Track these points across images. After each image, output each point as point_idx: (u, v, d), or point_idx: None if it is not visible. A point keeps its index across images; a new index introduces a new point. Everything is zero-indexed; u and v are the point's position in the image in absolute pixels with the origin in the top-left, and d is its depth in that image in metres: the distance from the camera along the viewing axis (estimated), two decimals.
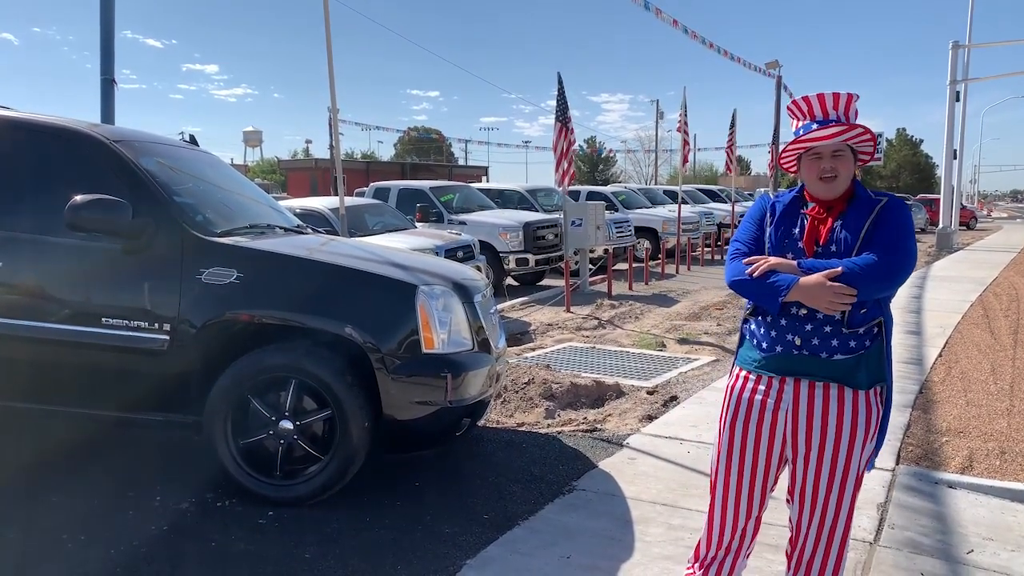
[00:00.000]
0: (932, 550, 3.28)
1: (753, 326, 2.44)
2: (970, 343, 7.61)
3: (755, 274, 2.30)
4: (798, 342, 2.31)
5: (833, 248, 2.30)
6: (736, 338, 2.59)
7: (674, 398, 5.57)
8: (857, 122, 2.34)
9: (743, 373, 2.45)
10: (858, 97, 2.35)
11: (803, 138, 2.33)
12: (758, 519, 2.54)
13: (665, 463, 4.25)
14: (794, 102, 2.43)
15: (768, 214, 2.45)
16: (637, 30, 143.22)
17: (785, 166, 2.48)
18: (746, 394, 2.41)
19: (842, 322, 2.28)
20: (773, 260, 2.32)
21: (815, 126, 2.34)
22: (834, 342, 2.29)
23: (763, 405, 2.38)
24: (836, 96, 2.34)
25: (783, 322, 2.34)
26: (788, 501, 2.51)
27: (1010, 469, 4.20)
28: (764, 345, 2.38)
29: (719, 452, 2.50)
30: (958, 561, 3.19)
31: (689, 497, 3.75)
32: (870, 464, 2.44)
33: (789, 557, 2.52)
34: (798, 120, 2.41)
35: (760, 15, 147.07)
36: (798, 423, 2.35)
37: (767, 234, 2.42)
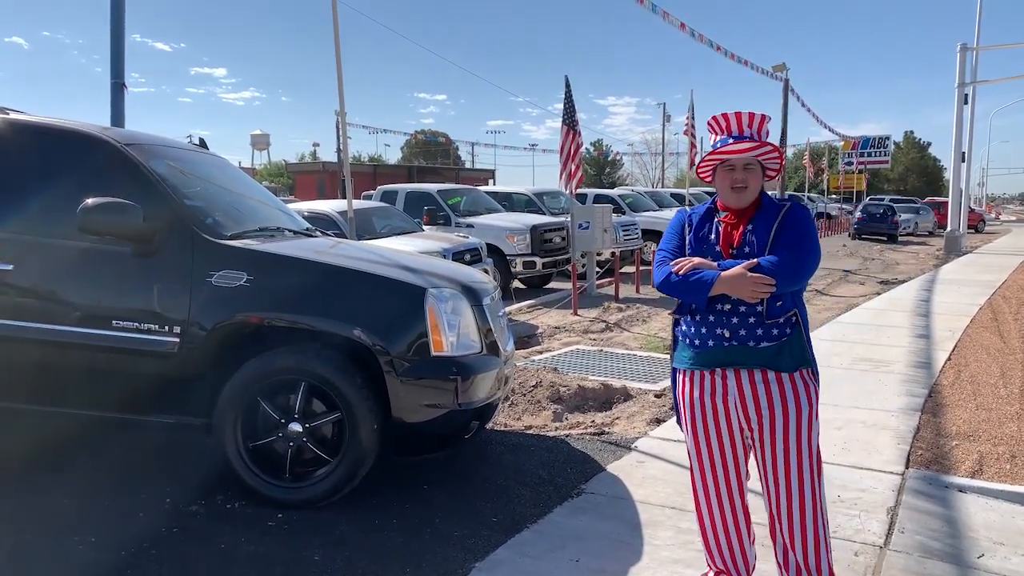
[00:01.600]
0: (942, 554, 3.27)
1: (684, 326, 2.64)
2: (979, 346, 7.58)
3: (680, 272, 2.53)
4: (727, 334, 2.52)
5: (747, 250, 2.54)
6: None
7: None
8: (767, 140, 2.58)
9: (681, 372, 2.66)
10: (771, 119, 2.61)
11: (719, 151, 2.56)
12: (744, 507, 2.71)
13: (673, 466, 4.24)
14: (713, 118, 2.63)
15: (687, 224, 2.69)
16: (644, 33, 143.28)
17: (701, 175, 2.70)
18: (696, 394, 2.62)
19: (762, 314, 2.50)
20: (696, 260, 2.55)
21: (731, 140, 2.57)
22: (759, 331, 2.51)
23: (713, 401, 2.58)
24: (752, 116, 2.59)
25: (711, 318, 2.55)
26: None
27: (1021, 473, 4.17)
28: (697, 342, 2.58)
29: (689, 454, 2.72)
30: (969, 566, 3.18)
31: None
32: None
33: (775, 550, 2.69)
34: (716, 134, 2.63)
35: (767, 18, 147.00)
36: (747, 410, 2.54)
37: (687, 241, 2.64)
